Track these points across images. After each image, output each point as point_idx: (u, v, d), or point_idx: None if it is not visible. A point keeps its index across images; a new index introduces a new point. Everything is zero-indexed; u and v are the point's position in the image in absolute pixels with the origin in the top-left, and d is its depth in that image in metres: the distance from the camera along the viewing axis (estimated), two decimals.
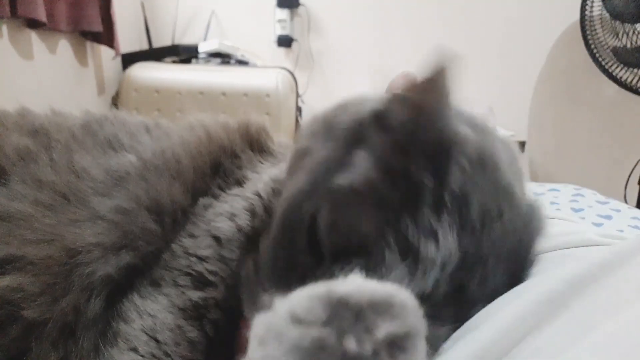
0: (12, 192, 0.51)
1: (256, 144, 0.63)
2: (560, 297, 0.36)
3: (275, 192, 0.53)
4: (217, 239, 0.51)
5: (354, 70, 2.50)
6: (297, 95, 2.41)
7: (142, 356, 0.45)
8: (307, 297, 0.24)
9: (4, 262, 0.48)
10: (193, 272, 0.49)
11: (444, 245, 0.36)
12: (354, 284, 0.25)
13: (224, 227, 0.51)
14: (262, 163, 0.62)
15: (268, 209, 0.52)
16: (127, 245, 0.50)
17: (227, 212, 0.53)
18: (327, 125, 0.45)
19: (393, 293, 0.25)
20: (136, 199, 0.53)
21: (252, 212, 0.52)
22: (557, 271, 0.41)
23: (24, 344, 0.46)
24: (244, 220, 0.51)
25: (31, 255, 0.48)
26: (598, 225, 1.14)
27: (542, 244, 0.49)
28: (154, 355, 0.45)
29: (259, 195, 0.54)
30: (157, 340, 0.46)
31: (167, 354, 0.45)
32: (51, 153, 0.55)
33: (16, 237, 0.48)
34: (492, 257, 0.38)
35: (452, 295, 0.37)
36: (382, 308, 0.24)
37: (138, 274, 0.51)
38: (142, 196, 0.53)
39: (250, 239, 0.50)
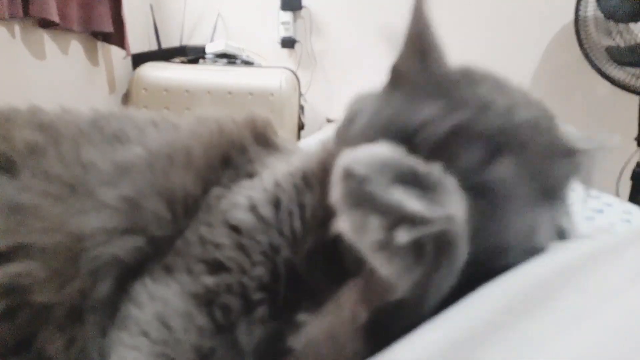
0: (22, 184, 0.53)
1: (262, 138, 0.64)
2: (549, 284, 0.35)
3: (298, 185, 0.54)
4: (235, 228, 0.51)
5: (354, 70, 2.55)
6: (300, 95, 2.46)
7: (154, 342, 0.46)
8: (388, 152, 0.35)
9: (14, 250, 0.49)
10: (208, 259, 0.50)
11: None
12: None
13: (243, 217, 0.52)
14: (267, 157, 0.62)
15: (295, 201, 0.53)
16: (134, 230, 0.52)
17: (244, 204, 0.53)
18: None
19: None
20: (141, 188, 0.54)
21: (276, 204, 0.53)
22: (545, 259, 0.41)
23: (32, 329, 0.48)
24: (266, 211, 0.52)
25: (40, 242, 0.49)
26: (590, 219, 1.13)
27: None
28: (165, 342, 0.46)
29: (282, 188, 0.54)
30: (168, 327, 0.47)
31: (177, 341, 0.46)
32: (59, 147, 0.56)
33: (25, 226, 0.50)
34: None
35: None
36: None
37: (149, 259, 0.52)
38: (148, 184, 0.54)
39: (275, 230, 0.51)
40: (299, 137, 2.40)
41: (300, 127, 2.45)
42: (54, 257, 0.48)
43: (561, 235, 0.45)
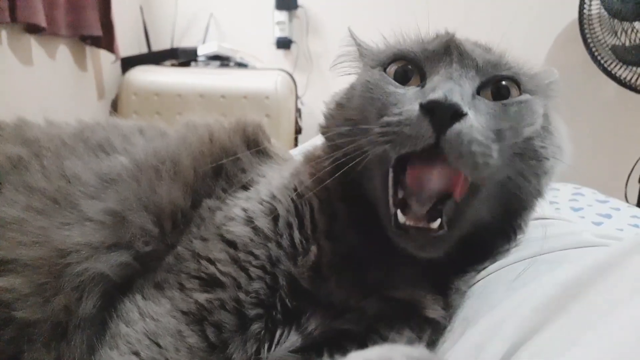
0: (4, 198, 0.52)
1: (253, 144, 0.64)
2: (556, 301, 0.37)
3: (293, 197, 0.54)
4: (231, 243, 0.51)
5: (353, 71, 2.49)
6: (297, 97, 2.41)
7: None
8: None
9: None
10: (203, 275, 0.49)
11: None
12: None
13: (240, 230, 0.51)
14: (260, 165, 0.62)
15: (293, 213, 0.53)
16: (120, 245, 0.51)
17: (240, 216, 0.53)
18: None
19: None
20: (127, 201, 0.53)
21: (273, 217, 0.52)
22: (552, 275, 0.42)
23: (17, 347, 0.47)
24: (264, 223, 0.52)
25: (23, 257, 0.48)
26: (598, 224, 1.13)
27: (539, 245, 0.52)
28: None
29: (278, 200, 0.54)
30: (158, 345, 0.46)
31: None
32: (42, 160, 0.56)
33: (8, 241, 0.49)
34: None
35: None
36: None
37: (137, 275, 0.51)
38: (135, 198, 0.53)
39: (274, 242, 0.51)
40: (296, 141, 2.35)
41: (298, 131, 2.39)
42: (37, 272, 0.48)
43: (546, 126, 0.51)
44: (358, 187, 0.51)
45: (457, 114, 0.41)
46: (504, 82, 0.48)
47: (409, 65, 0.50)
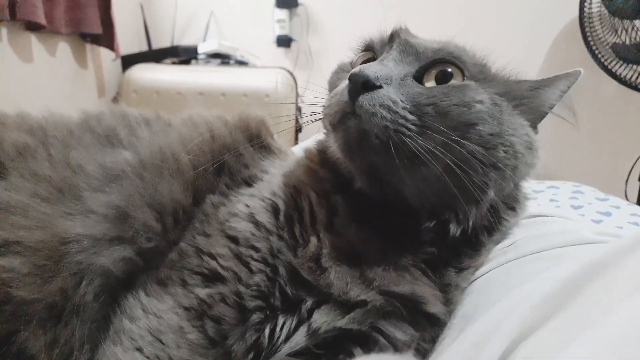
0: (10, 185, 0.53)
1: (256, 140, 0.64)
2: (555, 299, 0.37)
3: (292, 193, 0.55)
4: (233, 238, 0.51)
5: None
6: (297, 95, 2.41)
7: (147, 357, 0.45)
8: None
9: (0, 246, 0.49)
10: (205, 270, 0.50)
11: None
12: None
13: (241, 227, 0.52)
14: (262, 160, 0.63)
15: (293, 206, 0.54)
16: (122, 239, 0.51)
17: (244, 212, 0.53)
18: None
19: None
20: (130, 197, 0.53)
21: (275, 212, 0.53)
22: (551, 273, 0.43)
23: (14, 325, 0.47)
24: (265, 218, 0.52)
25: (25, 239, 0.49)
26: (597, 222, 1.13)
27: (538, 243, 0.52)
28: (158, 357, 0.45)
29: (278, 196, 0.55)
30: (161, 342, 0.46)
31: (170, 357, 0.45)
32: (49, 149, 0.57)
33: (11, 224, 0.50)
34: None
35: None
36: None
37: (140, 272, 0.52)
38: (138, 194, 0.54)
39: (275, 235, 0.51)
40: (296, 139, 2.34)
41: (298, 129, 2.39)
42: (37, 255, 0.48)
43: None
44: (335, 165, 0.55)
45: (368, 84, 0.46)
46: (449, 69, 0.51)
47: (373, 55, 0.57)
